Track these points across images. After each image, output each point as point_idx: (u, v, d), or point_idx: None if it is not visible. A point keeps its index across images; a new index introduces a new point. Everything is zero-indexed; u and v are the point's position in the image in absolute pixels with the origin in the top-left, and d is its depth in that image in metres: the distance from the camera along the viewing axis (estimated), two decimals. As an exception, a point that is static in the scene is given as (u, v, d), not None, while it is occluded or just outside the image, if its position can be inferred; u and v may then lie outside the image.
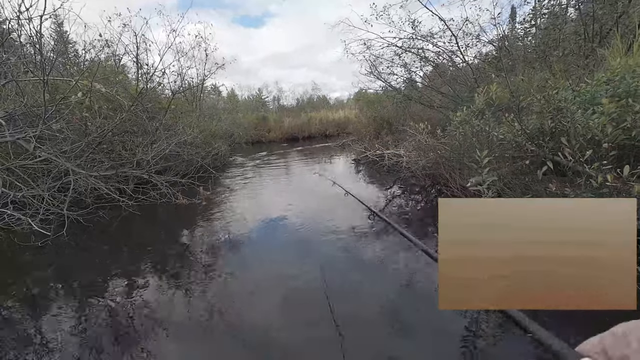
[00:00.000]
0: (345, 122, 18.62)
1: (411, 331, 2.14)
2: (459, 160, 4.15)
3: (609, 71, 2.87)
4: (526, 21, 6.72)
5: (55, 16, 8.36)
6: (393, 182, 6.35)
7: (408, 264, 3.05)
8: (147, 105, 6.71)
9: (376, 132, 9.81)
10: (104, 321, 2.45)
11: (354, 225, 4.07)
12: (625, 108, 2.51)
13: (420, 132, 5.56)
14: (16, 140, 4.29)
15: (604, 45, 4.74)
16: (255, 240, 3.93)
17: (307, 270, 3.02)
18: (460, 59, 7.10)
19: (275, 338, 2.15)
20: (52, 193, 4.46)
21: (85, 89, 4.92)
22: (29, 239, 3.92)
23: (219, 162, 9.44)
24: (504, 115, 3.53)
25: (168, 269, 3.29)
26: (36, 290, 3.06)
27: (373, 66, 8.60)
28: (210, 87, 17.62)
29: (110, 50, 7.63)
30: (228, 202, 5.87)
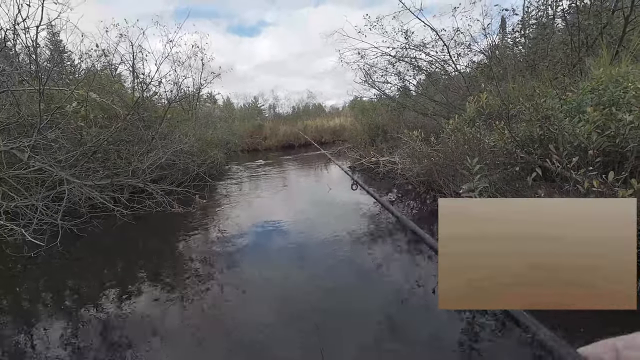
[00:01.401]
0: (341, 130, 18.74)
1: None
2: (452, 167, 4.21)
3: (593, 80, 2.97)
4: (515, 31, 6.90)
5: (51, 26, 8.41)
6: (388, 190, 6.40)
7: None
8: (143, 115, 6.74)
9: (371, 140, 9.89)
10: (97, 332, 2.43)
11: (351, 231, 4.09)
12: (609, 116, 2.59)
13: (414, 140, 5.64)
14: (10, 150, 4.28)
15: (591, 54, 4.89)
16: (251, 249, 3.93)
17: (302, 282, 3.02)
18: (453, 67, 7.25)
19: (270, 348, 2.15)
20: (45, 203, 4.43)
21: (80, 98, 4.94)
22: (21, 250, 3.88)
23: (215, 171, 9.43)
24: (495, 123, 3.61)
25: (162, 279, 3.27)
26: (27, 302, 3.02)
27: (367, 75, 8.74)
28: (206, 96, 17.72)
29: (106, 59, 7.68)
30: (224, 210, 5.86)
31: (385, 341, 2.13)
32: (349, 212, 5.12)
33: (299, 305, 2.61)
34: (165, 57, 6.92)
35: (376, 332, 2.21)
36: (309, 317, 2.42)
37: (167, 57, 7.19)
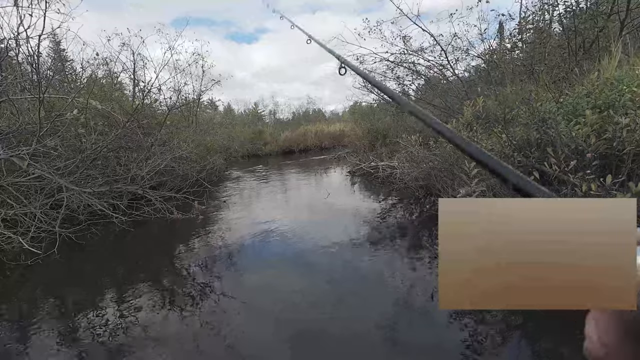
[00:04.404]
0: (341, 135, 18.77)
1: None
2: (450, 171, 4.20)
3: (589, 84, 2.97)
4: (512, 35, 6.94)
5: (53, 35, 8.53)
6: (387, 194, 6.38)
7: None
8: (142, 122, 6.78)
9: (371, 144, 9.90)
10: (93, 341, 2.41)
11: (351, 236, 4.07)
12: (607, 119, 2.58)
13: (413, 144, 5.64)
14: (10, 157, 4.30)
15: (587, 57, 4.90)
16: (249, 256, 3.91)
17: (301, 287, 2.99)
18: (451, 72, 7.29)
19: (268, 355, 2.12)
20: (44, 210, 4.44)
21: (81, 106, 4.98)
22: (19, 258, 3.87)
23: (215, 177, 9.45)
24: (492, 127, 3.60)
25: (160, 286, 3.25)
26: (23, 311, 3.00)
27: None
28: (206, 102, 17.84)
29: (107, 67, 7.77)
30: (223, 216, 5.85)
31: (386, 345, 2.10)
32: (348, 217, 5.10)
33: (299, 314, 2.58)
34: (165, 64, 7.00)
35: (377, 333, 2.18)
36: (309, 323, 2.39)
37: (166, 64, 7.26)
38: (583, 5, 5.41)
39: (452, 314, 2.31)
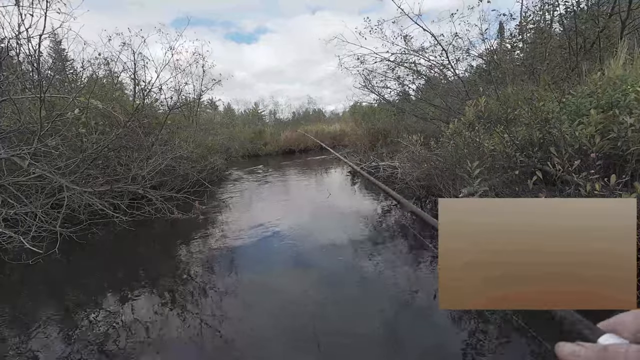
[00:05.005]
0: (341, 135, 18.78)
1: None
2: (452, 171, 4.20)
3: (592, 84, 2.96)
4: (513, 36, 6.94)
5: (54, 35, 8.52)
6: (388, 194, 6.37)
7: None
8: (143, 121, 6.77)
9: (371, 144, 9.90)
10: (93, 341, 2.40)
11: (352, 236, 4.06)
12: (612, 119, 2.58)
13: (414, 144, 5.64)
14: (10, 157, 4.29)
15: (589, 58, 4.90)
16: (250, 256, 3.90)
17: (302, 288, 2.99)
18: (452, 72, 7.28)
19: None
20: (45, 210, 4.42)
21: (82, 105, 4.97)
22: (20, 257, 3.86)
23: (215, 176, 9.43)
24: (494, 127, 3.60)
25: (161, 286, 3.24)
26: (24, 310, 2.99)
27: (367, 80, 8.78)
28: (207, 102, 17.83)
29: (108, 67, 7.75)
30: (223, 216, 5.84)
31: (386, 345, 2.09)
32: (348, 217, 5.09)
33: (300, 314, 2.58)
34: (166, 64, 6.98)
35: (377, 334, 2.18)
36: (309, 323, 2.38)
37: (167, 64, 7.25)
38: (584, 5, 5.41)
39: (452, 314, 2.31)
